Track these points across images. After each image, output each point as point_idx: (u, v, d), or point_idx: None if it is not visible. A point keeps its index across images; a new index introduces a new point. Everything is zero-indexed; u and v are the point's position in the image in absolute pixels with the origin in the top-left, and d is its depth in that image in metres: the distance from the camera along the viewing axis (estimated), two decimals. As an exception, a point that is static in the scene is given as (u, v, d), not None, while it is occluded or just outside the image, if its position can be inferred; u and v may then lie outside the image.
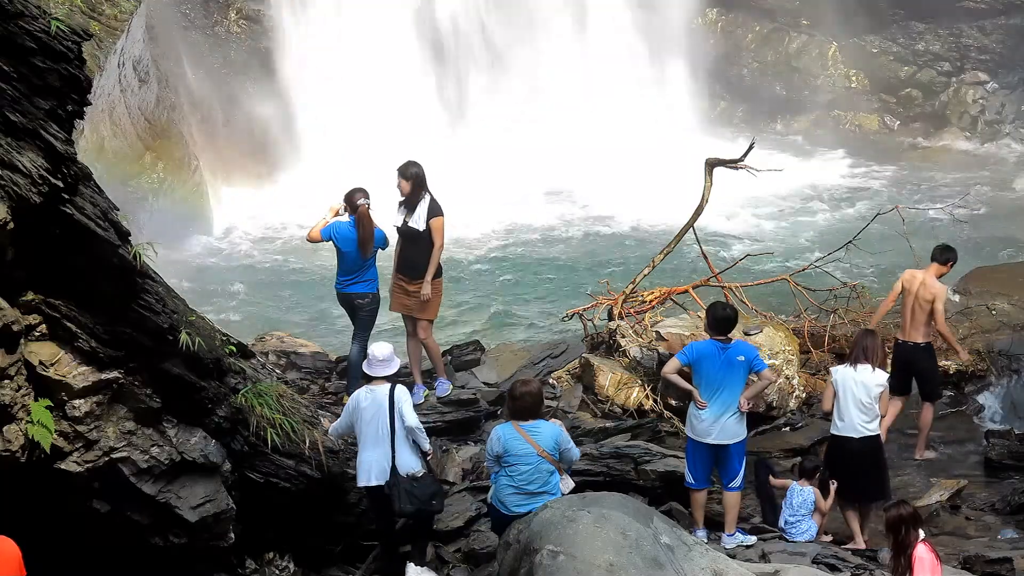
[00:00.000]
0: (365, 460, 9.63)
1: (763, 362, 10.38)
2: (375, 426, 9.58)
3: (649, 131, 26.26)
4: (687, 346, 10.64)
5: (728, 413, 10.07)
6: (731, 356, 10.09)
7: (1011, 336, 14.10)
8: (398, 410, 9.56)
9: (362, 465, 9.64)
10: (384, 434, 9.56)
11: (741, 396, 10.07)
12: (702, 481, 10.34)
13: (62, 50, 7.09)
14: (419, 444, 9.67)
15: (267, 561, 9.50)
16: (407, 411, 9.59)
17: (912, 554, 8.09)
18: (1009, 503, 11.44)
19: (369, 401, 9.65)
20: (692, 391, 10.18)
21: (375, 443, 9.57)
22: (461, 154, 24.06)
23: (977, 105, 28.60)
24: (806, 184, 25.71)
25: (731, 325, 10.31)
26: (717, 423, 10.09)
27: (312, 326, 18.47)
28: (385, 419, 9.57)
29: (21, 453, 7.34)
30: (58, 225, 7.28)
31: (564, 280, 20.81)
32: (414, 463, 9.59)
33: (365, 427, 9.62)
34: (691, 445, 10.33)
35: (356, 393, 9.92)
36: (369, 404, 9.64)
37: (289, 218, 23.41)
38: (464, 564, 10.12)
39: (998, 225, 23.31)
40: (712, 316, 10.32)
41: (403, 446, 9.57)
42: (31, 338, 7.48)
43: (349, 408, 9.82)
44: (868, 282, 15.56)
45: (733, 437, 10.16)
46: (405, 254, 12.11)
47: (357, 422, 9.69)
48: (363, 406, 9.67)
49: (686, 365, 10.24)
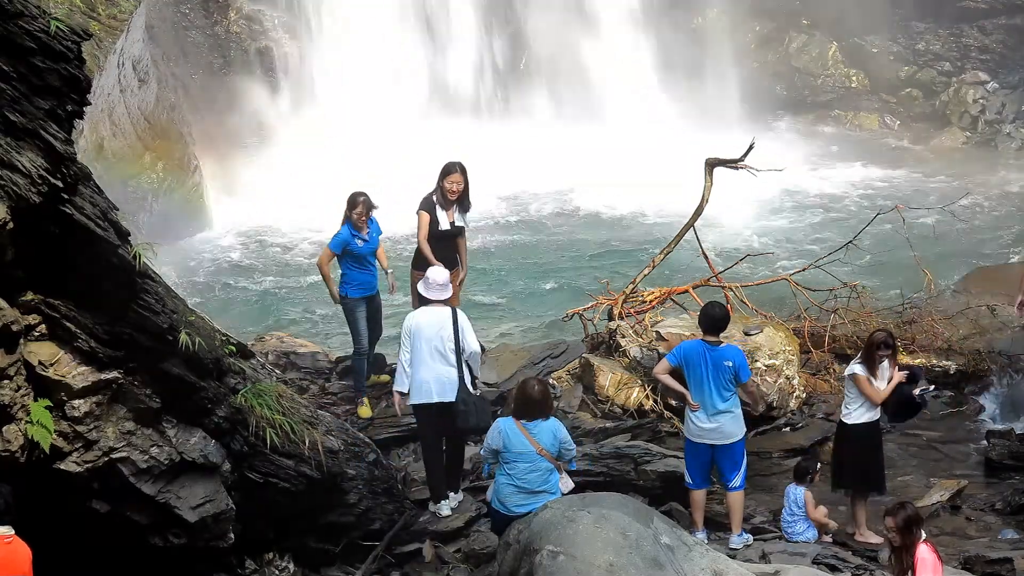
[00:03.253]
0: (422, 378, 10.04)
1: (748, 372, 10.26)
2: (436, 345, 9.99)
3: (649, 130, 26.25)
4: (676, 346, 10.59)
5: (719, 415, 10.01)
6: (718, 358, 10.02)
7: (1011, 336, 14.08)
8: (462, 334, 10.02)
9: (418, 384, 10.06)
10: (447, 353, 10.00)
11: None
12: (701, 482, 10.33)
13: (62, 50, 7.09)
14: (472, 368, 10.10)
15: (267, 561, 9.50)
16: (469, 336, 10.07)
17: (914, 554, 8.09)
18: (1009, 503, 11.43)
19: (430, 321, 10.02)
20: (684, 393, 10.16)
21: (434, 361, 10.00)
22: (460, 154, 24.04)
23: (977, 105, 28.61)
24: (806, 184, 25.71)
25: (719, 325, 10.21)
26: (711, 423, 10.05)
27: (312, 326, 18.46)
28: (449, 339, 9.99)
29: (21, 453, 7.34)
30: (58, 225, 7.28)
31: (564, 280, 20.80)
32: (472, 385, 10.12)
33: (425, 344, 10.00)
34: (689, 446, 10.31)
35: (414, 313, 10.34)
36: (429, 324, 10.01)
37: (289, 218, 23.42)
38: (464, 564, 10.12)
39: (998, 225, 23.32)
40: (701, 315, 10.32)
41: (466, 367, 10.07)
42: (30, 338, 7.48)
43: (408, 328, 10.14)
44: (868, 282, 15.53)
45: (730, 437, 10.12)
46: (443, 251, 11.98)
47: (416, 340, 10.03)
48: (423, 325, 10.04)
49: (675, 365, 10.21)
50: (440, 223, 11.92)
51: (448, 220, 11.95)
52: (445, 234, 11.98)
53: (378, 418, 11.85)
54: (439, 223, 11.91)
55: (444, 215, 11.94)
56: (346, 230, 11.77)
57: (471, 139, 25.37)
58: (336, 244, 11.79)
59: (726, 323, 10.38)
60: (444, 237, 11.99)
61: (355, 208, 11.73)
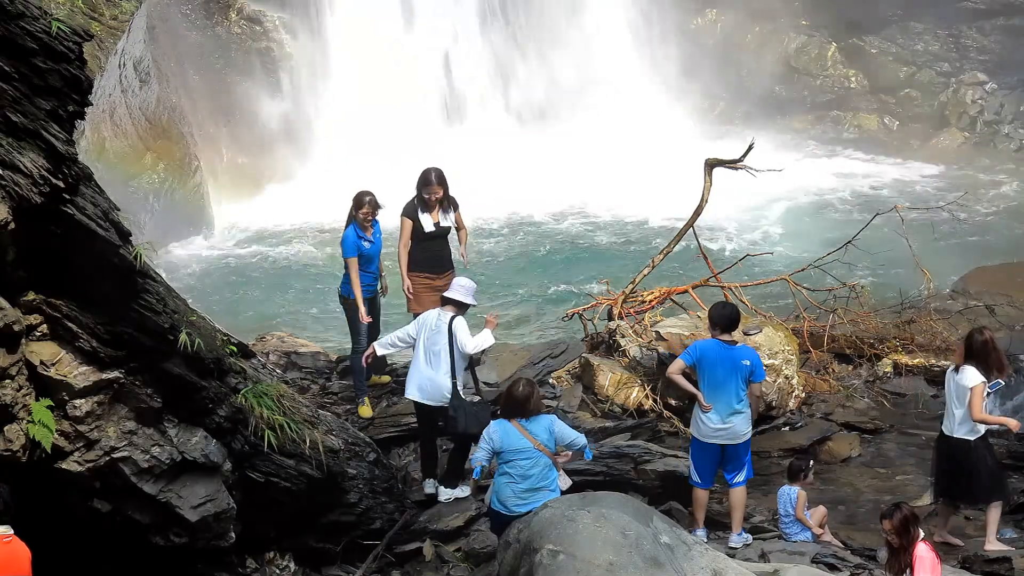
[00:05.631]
0: (414, 378, 10.61)
1: (763, 372, 10.27)
2: (433, 349, 10.51)
3: (649, 131, 26.27)
4: (690, 346, 10.49)
5: (732, 415, 9.98)
6: (736, 357, 9.99)
7: (1011, 336, 14.09)
8: (456, 338, 10.41)
9: (411, 382, 10.63)
10: (442, 358, 10.46)
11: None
12: (709, 481, 10.30)
13: (63, 51, 7.11)
14: (472, 366, 10.70)
15: (268, 560, 9.52)
16: (463, 338, 10.43)
17: (912, 553, 8.11)
18: (1009, 503, 11.43)
19: (434, 324, 10.57)
20: (697, 394, 10.08)
21: (427, 364, 10.51)
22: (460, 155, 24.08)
23: (976, 105, 28.62)
24: (806, 184, 25.70)
25: (736, 323, 10.25)
26: (723, 424, 10.01)
27: (312, 326, 18.48)
28: (442, 344, 10.46)
29: (22, 453, 7.36)
30: (59, 225, 7.30)
31: (564, 280, 20.81)
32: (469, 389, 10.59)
33: (424, 345, 10.54)
34: (697, 445, 10.22)
35: (427, 313, 10.78)
36: (434, 327, 10.56)
37: (289, 218, 23.44)
38: (464, 563, 10.13)
39: (997, 225, 23.33)
40: (715, 315, 10.22)
41: (461, 371, 10.50)
42: (32, 338, 7.50)
43: (419, 322, 10.72)
44: (867, 282, 15.56)
45: (741, 437, 10.11)
46: (432, 252, 12.09)
47: (417, 339, 10.61)
48: (430, 327, 10.57)
49: (690, 365, 10.13)
50: (425, 226, 12.00)
51: (432, 222, 12.02)
52: (432, 235, 12.05)
53: (378, 418, 11.86)
54: (424, 227, 11.99)
55: (428, 218, 12.00)
56: (352, 232, 11.75)
57: (472, 140, 25.46)
58: (352, 249, 11.72)
59: (739, 320, 10.39)
60: (432, 238, 12.06)
61: (361, 208, 11.70)
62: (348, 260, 11.74)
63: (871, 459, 12.45)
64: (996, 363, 10.22)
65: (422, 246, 12.01)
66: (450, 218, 12.14)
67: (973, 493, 10.30)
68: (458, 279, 10.91)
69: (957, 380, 10.14)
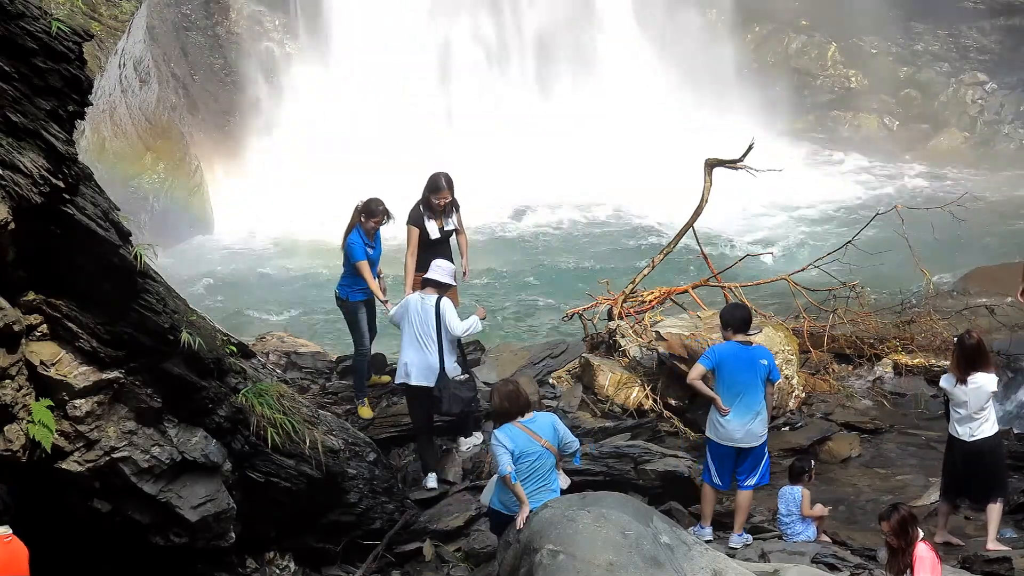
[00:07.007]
0: (405, 361, 10.78)
1: (778, 372, 10.21)
2: (421, 331, 10.71)
3: (649, 131, 26.27)
4: (708, 349, 10.37)
5: (752, 417, 9.89)
6: (754, 357, 9.92)
7: (1010, 336, 14.08)
8: (444, 319, 10.64)
9: (402, 365, 10.81)
10: (429, 340, 10.68)
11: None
12: (727, 483, 10.20)
13: (63, 51, 7.12)
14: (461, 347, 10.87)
15: (268, 560, 9.52)
16: (451, 320, 10.69)
17: (913, 553, 8.11)
18: (1009, 503, 11.42)
19: (420, 307, 10.76)
20: (715, 398, 9.94)
21: (417, 347, 10.71)
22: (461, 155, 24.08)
23: (976, 105, 28.63)
24: (805, 184, 25.70)
25: (749, 323, 10.17)
26: (742, 427, 9.91)
27: (312, 326, 18.48)
28: (432, 327, 10.67)
29: (22, 453, 7.36)
30: (59, 225, 7.30)
31: (564, 280, 20.81)
32: (457, 368, 10.82)
33: (410, 329, 10.73)
34: (715, 448, 10.10)
35: (410, 297, 11.00)
36: (419, 310, 10.75)
37: (290, 218, 23.44)
38: (464, 563, 10.13)
39: (997, 225, 23.31)
40: (728, 317, 10.14)
41: (449, 353, 10.74)
42: (32, 338, 7.50)
43: (403, 307, 10.92)
44: (867, 282, 15.55)
45: (759, 439, 10.03)
46: (437, 255, 12.04)
47: (404, 323, 10.79)
48: (414, 310, 10.74)
49: (710, 369, 9.97)
50: (431, 233, 12.01)
51: (438, 228, 12.04)
52: (437, 241, 12.07)
53: (378, 418, 11.85)
54: (429, 233, 12.00)
55: (433, 224, 12.02)
56: (358, 237, 11.74)
57: (472, 141, 25.44)
58: (361, 254, 11.68)
59: (752, 320, 10.36)
60: (436, 244, 12.08)
61: (373, 217, 11.67)
62: (359, 264, 11.71)
63: (871, 459, 12.44)
64: (991, 359, 10.30)
65: (426, 251, 12.03)
66: (453, 221, 12.16)
67: (986, 490, 10.27)
68: (436, 260, 11.11)
69: (974, 390, 10.10)
